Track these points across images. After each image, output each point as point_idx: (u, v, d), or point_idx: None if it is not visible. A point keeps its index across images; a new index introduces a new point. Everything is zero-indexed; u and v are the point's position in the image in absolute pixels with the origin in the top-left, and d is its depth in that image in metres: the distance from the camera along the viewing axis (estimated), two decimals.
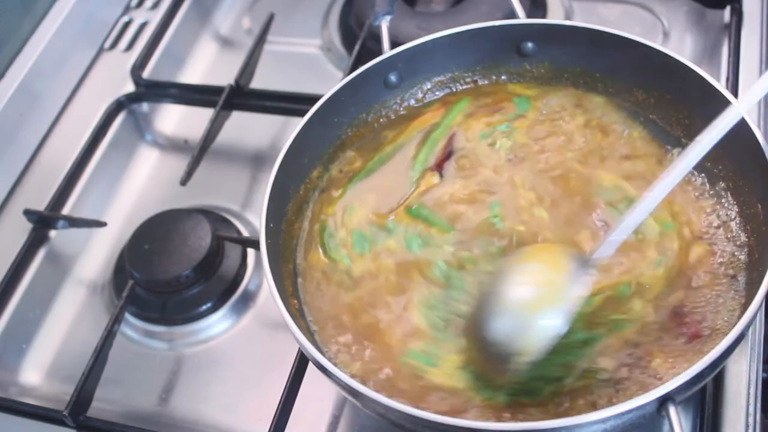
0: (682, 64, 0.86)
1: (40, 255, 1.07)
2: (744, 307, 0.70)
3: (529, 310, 0.72)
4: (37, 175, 1.16)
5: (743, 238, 0.81)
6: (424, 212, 0.88)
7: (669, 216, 0.84)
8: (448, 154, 0.92)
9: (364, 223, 0.89)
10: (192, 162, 1.07)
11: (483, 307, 0.76)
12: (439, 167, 0.91)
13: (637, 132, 0.91)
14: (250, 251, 1.03)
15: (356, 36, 1.17)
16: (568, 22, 0.95)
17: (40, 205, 1.09)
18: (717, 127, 0.72)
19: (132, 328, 1.00)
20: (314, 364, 0.73)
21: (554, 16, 1.20)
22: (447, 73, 0.98)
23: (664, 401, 0.65)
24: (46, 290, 1.05)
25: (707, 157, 0.86)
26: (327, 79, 1.14)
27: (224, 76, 1.18)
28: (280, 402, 0.84)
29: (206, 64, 1.29)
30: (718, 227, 0.83)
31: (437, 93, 0.99)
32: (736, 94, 1.01)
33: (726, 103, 0.81)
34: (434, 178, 0.91)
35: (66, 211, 1.10)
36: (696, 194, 0.86)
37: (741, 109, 0.71)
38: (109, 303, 1.03)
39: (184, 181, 1.05)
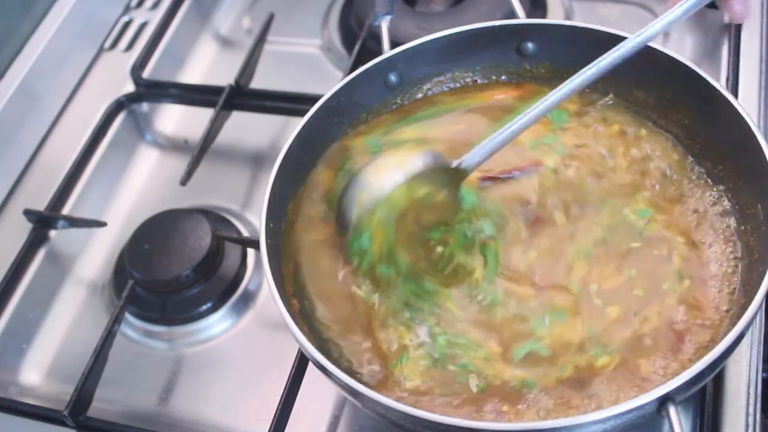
0: (682, 64, 0.86)
1: (40, 255, 1.07)
2: (744, 307, 0.70)
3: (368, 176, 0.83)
4: (37, 175, 1.16)
5: (743, 238, 0.81)
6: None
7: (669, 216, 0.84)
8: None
9: None
10: (192, 162, 1.07)
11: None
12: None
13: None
14: (250, 251, 1.03)
15: (356, 36, 1.17)
16: (568, 22, 0.95)
17: (40, 205, 1.09)
18: (611, 54, 0.79)
19: (132, 328, 1.00)
20: (314, 364, 0.73)
21: (554, 16, 1.20)
22: (447, 73, 0.98)
23: (664, 401, 0.65)
24: (46, 290, 1.05)
25: (707, 158, 0.87)
26: (327, 79, 1.14)
27: (224, 76, 1.18)
28: (280, 402, 0.84)
29: (206, 64, 1.29)
30: (718, 227, 0.83)
31: (437, 93, 0.99)
32: (736, 94, 1.01)
33: (727, 103, 0.81)
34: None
35: (66, 211, 1.10)
36: (696, 194, 0.86)
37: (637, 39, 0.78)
38: (109, 303, 1.03)
39: (184, 181, 1.05)
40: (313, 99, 0.91)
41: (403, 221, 0.82)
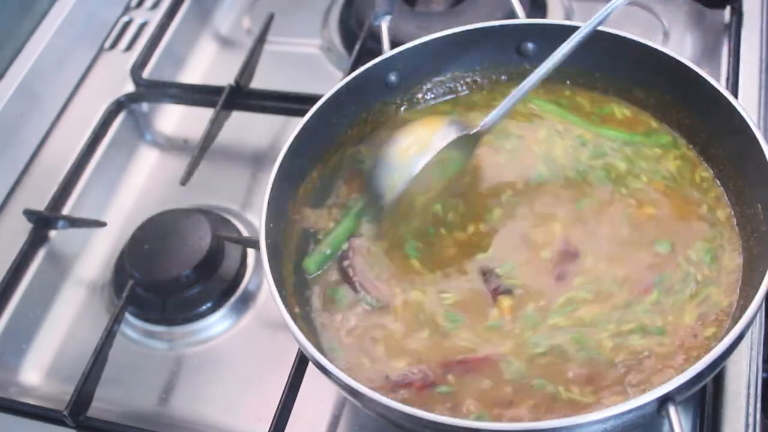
0: (682, 64, 0.86)
1: (40, 255, 1.07)
2: (744, 307, 0.70)
3: (398, 156, 0.86)
4: (37, 175, 1.16)
5: (743, 238, 0.81)
6: None
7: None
8: None
9: None
10: (192, 162, 1.07)
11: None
12: None
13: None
14: (250, 251, 1.03)
15: (356, 36, 1.17)
16: (568, 22, 0.95)
17: (40, 205, 1.09)
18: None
19: (132, 328, 1.00)
20: (314, 364, 0.73)
21: (554, 16, 1.20)
22: (447, 73, 0.98)
23: (664, 401, 0.65)
24: (46, 290, 1.05)
25: (708, 158, 0.87)
26: (327, 79, 1.14)
27: (224, 76, 1.18)
28: (280, 402, 0.84)
29: (206, 64, 1.29)
30: (718, 227, 0.83)
31: (437, 93, 0.99)
32: (736, 94, 1.01)
33: (727, 103, 0.81)
34: None
35: (66, 211, 1.10)
36: (696, 194, 0.86)
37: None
38: (109, 303, 1.03)
39: (184, 181, 1.05)
40: (313, 99, 0.91)
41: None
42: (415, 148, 0.86)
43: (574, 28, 0.92)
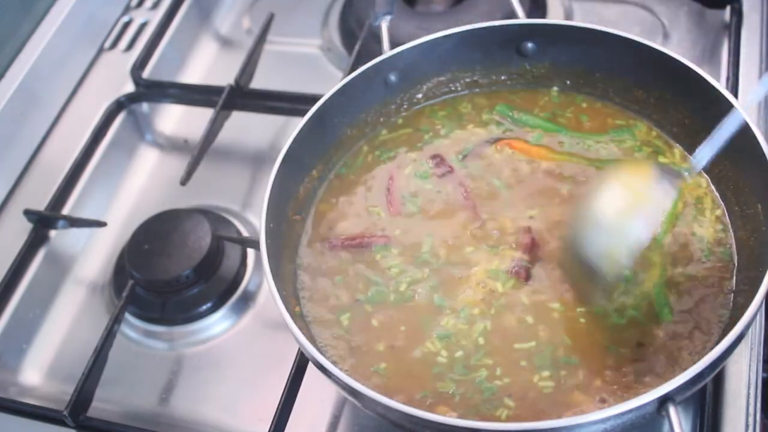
0: (682, 64, 0.86)
1: (40, 255, 1.07)
2: (744, 307, 0.70)
3: (620, 221, 0.78)
4: (37, 175, 1.16)
5: (743, 238, 0.81)
6: None
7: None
8: None
9: None
10: (192, 162, 1.06)
11: (578, 229, 0.81)
12: None
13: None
14: (250, 251, 1.03)
15: (356, 36, 1.17)
16: (568, 22, 0.95)
17: (40, 205, 1.09)
18: None
19: (132, 328, 1.00)
20: (314, 364, 0.73)
21: (554, 16, 1.20)
22: (447, 73, 0.98)
23: (664, 401, 0.65)
24: (46, 290, 1.05)
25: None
26: (327, 79, 1.14)
27: (224, 76, 1.18)
28: (280, 402, 0.84)
29: (206, 64, 1.29)
30: (718, 227, 0.83)
31: (437, 93, 0.99)
32: (736, 94, 1.01)
33: (727, 103, 0.81)
34: None
35: (66, 211, 1.10)
36: (696, 194, 0.86)
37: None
38: (109, 303, 1.03)
39: (184, 181, 1.05)
40: (313, 99, 0.91)
41: None
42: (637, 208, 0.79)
43: (574, 28, 0.93)
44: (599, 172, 0.89)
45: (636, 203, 0.79)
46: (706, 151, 0.78)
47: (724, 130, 0.77)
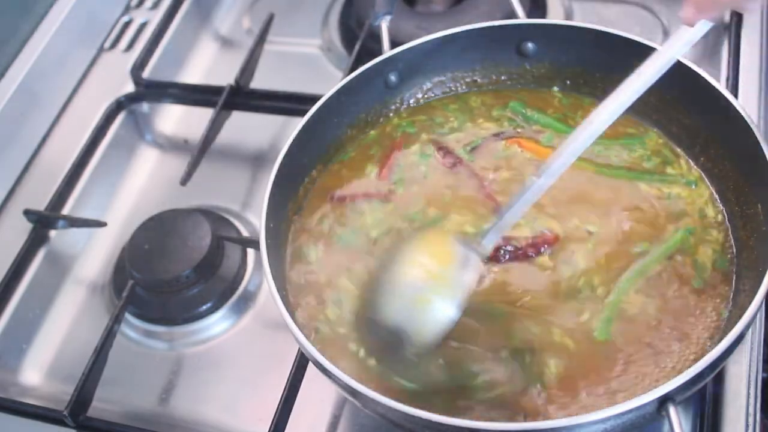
0: (682, 64, 0.86)
1: (40, 255, 1.07)
2: (744, 308, 0.70)
3: (421, 300, 0.75)
4: (37, 175, 1.16)
5: (743, 238, 0.81)
6: None
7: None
8: None
9: None
10: (192, 162, 1.06)
11: (379, 289, 0.79)
12: None
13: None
14: (250, 251, 1.03)
15: (356, 36, 1.17)
16: (568, 22, 0.95)
17: (40, 205, 1.09)
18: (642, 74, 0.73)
19: (132, 328, 1.00)
20: (314, 364, 0.73)
21: (554, 16, 1.20)
22: (447, 73, 0.98)
23: (664, 401, 0.65)
24: (46, 290, 1.05)
25: (708, 158, 0.87)
26: (327, 79, 1.14)
27: (224, 76, 1.18)
28: (280, 402, 0.84)
29: (206, 64, 1.29)
30: (718, 227, 0.83)
31: (437, 93, 0.99)
32: (736, 94, 1.01)
33: (727, 103, 0.81)
34: None
35: (66, 211, 1.10)
36: (696, 194, 0.86)
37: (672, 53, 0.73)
38: (109, 303, 1.03)
39: (184, 181, 1.05)
40: (313, 99, 0.91)
41: None
42: (443, 296, 0.75)
43: (574, 28, 0.93)
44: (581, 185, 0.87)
45: (437, 284, 0.76)
46: (492, 236, 0.77)
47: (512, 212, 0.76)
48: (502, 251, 0.83)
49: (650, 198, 0.86)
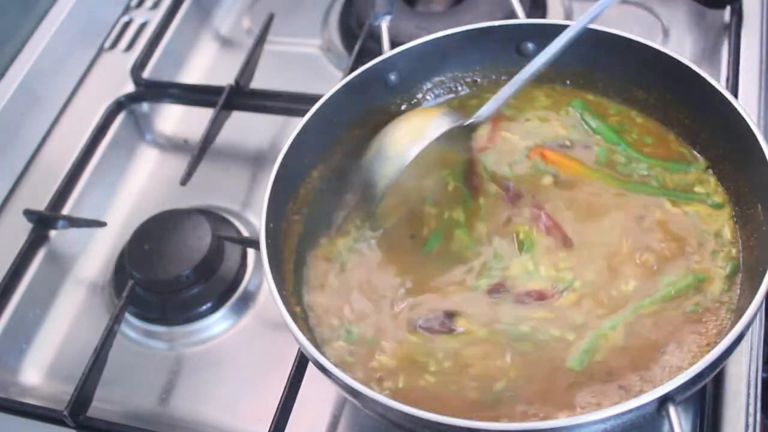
0: (682, 64, 0.86)
1: (40, 255, 1.07)
2: (744, 308, 0.70)
3: (392, 145, 0.86)
4: (37, 175, 1.16)
5: (743, 238, 0.81)
6: None
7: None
8: None
9: None
10: (192, 162, 1.07)
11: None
12: None
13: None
14: (250, 251, 1.03)
15: (356, 36, 1.17)
16: (568, 22, 0.95)
17: (40, 205, 1.09)
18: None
19: (132, 328, 1.00)
20: (314, 364, 0.73)
21: (554, 16, 1.20)
22: (447, 73, 0.98)
23: (664, 401, 0.65)
24: (46, 290, 1.05)
25: (707, 157, 0.87)
26: (327, 79, 1.14)
27: (224, 76, 1.18)
28: (280, 402, 0.84)
29: (206, 64, 1.29)
30: (718, 227, 0.83)
31: (437, 93, 0.99)
32: (736, 94, 1.01)
33: (727, 103, 0.81)
34: None
35: (66, 211, 1.10)
36: (696, 194, 0.86)
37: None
38: (109, 303, 1.03)
39: (184, 181, 1.05)
40: (313, 99, 0.91)
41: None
42: (409, 138, 0.86)
43: None
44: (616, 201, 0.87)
45: (408, 133, 0.86)
46: (485, 110, 0.86)
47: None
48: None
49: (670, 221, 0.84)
